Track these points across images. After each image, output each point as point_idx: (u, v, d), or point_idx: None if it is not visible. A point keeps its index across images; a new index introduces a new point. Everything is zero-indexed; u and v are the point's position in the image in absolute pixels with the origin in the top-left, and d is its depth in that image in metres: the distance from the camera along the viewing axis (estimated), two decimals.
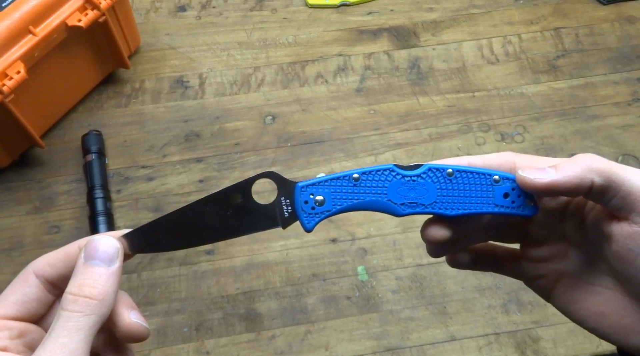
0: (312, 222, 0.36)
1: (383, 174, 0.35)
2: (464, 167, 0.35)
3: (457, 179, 0.35)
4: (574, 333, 0.60)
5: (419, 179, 0.35)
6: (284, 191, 0.36)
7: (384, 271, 0.64)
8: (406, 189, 0.35)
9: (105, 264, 0.32)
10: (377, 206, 0.36)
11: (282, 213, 0.36)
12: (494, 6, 0.85)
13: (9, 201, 0.69)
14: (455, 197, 0.35)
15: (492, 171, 0.35)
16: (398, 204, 0.35)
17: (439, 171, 0.35)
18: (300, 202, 0.36)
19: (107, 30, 0.70)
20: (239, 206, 0.36)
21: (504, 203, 0.35)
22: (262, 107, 0.76)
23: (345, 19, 0.84)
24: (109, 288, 0.32)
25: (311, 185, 0.36)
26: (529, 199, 0.35)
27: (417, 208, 0.35)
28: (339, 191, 0.36)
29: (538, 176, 0.33)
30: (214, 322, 0.61)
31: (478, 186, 0.35)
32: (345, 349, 0.60)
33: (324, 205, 0.36)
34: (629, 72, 0.79)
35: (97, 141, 0.71)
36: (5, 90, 0.60)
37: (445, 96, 0.77)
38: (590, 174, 0.32)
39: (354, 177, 0.35)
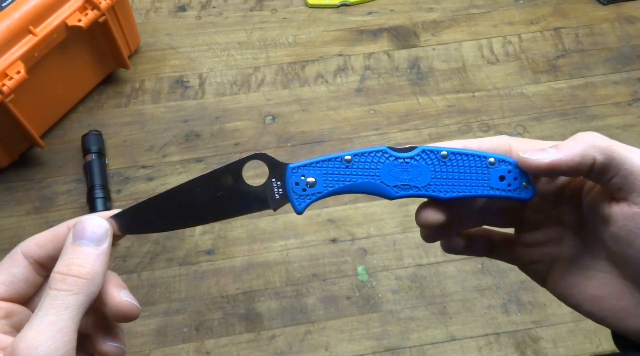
0: (303, 204, 0.36)
1: (376, 155, 0.35)
2: (459, 150, 0.35)
3: (451, 162, 0.35)
4: (574, 333, 0.60)
5: (412, 161, 0.35)
6: (275, 172, 0.36)
7: (384, 271, 0.64)
8: (399, 171, 0.35)
9: (93, 244, 0.32)
10: (370, 188, 0.35)
11: (272, 194, 0.36)
12: (494, 6, 0.85)
13: (9, 201, 0.69)
14: (450, 180, 0.35)
15: (487, 154, 0.35)
16: (391, 186, 0.35)
17: (433, 153, 0.35)
18: (291, 183, 0.35)
19: (107, 30, 0.70)
20: (230, 187, 0.36)
21: (500, 186, 0.35)
22: (262, 107, 0.76)
23: (345, 19, 0.84)
24: (98, 268, 0.32)
25: (302, 166, 0.35)
26: (525, 182, 0.35)
27: (410, 191, 0.35)
28: (331, 173, 0.35)
29: (540, 156, 0.33)
30: (214, 322, 0.61)
31: (473, 168, 0.35)
32: (345, 349, 0.60)
33: (315, 187, 0.35)
34: (629, 72, 0.79)
35: (97, 141, 0.71)
36: (5, 90, 0.60)
37: (445, 96, 0.77)
38: (592, 151, 0.32)
39: (346, 158, 0.35)
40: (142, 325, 0.61)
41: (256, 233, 0.66)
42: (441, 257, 0.65)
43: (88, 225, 0.33)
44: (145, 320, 0.61)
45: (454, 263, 0.64)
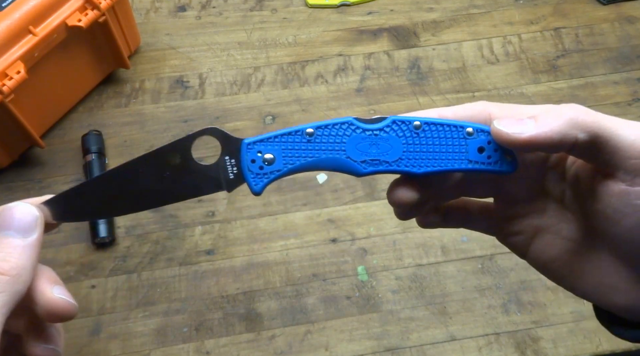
0: (260, 183, 0.32)
1: (341, 128, 0.31)
2: (433, 119, 0.32)
3: (425, 133, 0.31)
4: (574, 333, 0.60)
5: (382, 134, 0.31)
6: (228, 149, 0.32)
7: (384, 271, 0.64)
8: (367, 144, 0.31)
9: (20, 235, 0.29)
10: (335, 165, 0.32)
11: (226, 174, 0.32)
12: (494, 6, 0.85)
13: (9, 201, 0.68)
14: (424, 153, 0.31)
15: (464, 123, 0.31)
16: (358, 161, 0.31)
17: (405, 124, 0.31)
18: (247, 161, 0.32)
19: (107, 30, 0.70)
20: (178, 167, 0.32)
21: (479, 159, 0.31)
22: (262, 107, 0.76)
23: (345, 19, 0.84)
24: (25, 262, 0.28)
25: (259, 142, 0.32)
26: (507, 154, 0.32)
27: (380, 166, 0.32)
28: (291, 148, 0.32)
29: (515, 130, 0.30)
30: (214, 322, 0.61)
31: (449, 140, 0.31)
32: (345, 349, 0.60)
33: (274, 164, 0.32)
34: (629, 72, 0.79)
35: (97, 141, 0.71)
36: (5, 90, 0.60)
37: (445, 96, 0.77)
38: (574, 129, 0.29)
39: (307, 132, 0.31)
40: (142, 325, 0.61)
41: (256, 233, 0.66)
42: (441, 257, 0.65)
43: (15, 213, 0.29)
44: (145, 320, 0.61)
45: (454, 263, 0.64)
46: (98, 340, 0.60)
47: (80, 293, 0.62)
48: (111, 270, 0.64)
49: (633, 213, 0.30)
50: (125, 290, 0.63)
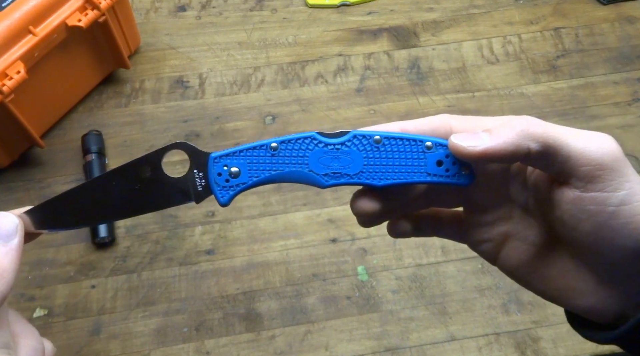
0: (226, 195, 0.34)
1: (304, 142, 0.33)
2: (393, 134, 0.33)
3: (385, 147, 0.33)
4: (574, 333, 0.60)
5: (343, 148, 0.33)
6: (197, 163, 0.34)
7: (384, 271, 0.64)
8: (329, 158, 0.33)
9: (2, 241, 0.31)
10: (298, 177, 0.33)
11: (195, 186, 0.34)
12: (494, 6, 0.85)
13: (9, 201, 0.69)
14: (384, 166, 0.33)
15: (424, 137, 0.33)
16: (320, 175, 0.33)
17: (366, 138, 0.33)
18: (214, 174, 0.34)
19: (107, 30, 0.70)
20: (149, 179, 0.34)
21: (437, 172, 0.33)
22: (262, 107, 0.76)
23: (345, 19, 0.84)
24: (6, 264, 0.31)
25: (225, 156, 0.33)
26: (464, 167, 0.33)
27: (341, 179, 0.33)
28: (256, 162, 0.33)
29: (470, 143, 0.31)
30: (214, 322, 0.61)
31: (409, 153, 0.33)
32: (345, 349, 0.60)
33: (240, 177, 0.34)
34: (628, 72, 0.79)
35: (97, 141, 0.71)
36: (5, 90, 0.60)
37: (445, 96, 0.77)
38: (525, 140, 0.30)
39: (271, 146, 0.33)
40: (142, 325, 0.61)
41: (256, 233, 0.66)
42: (441, 257, 0.65)
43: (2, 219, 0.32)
44: (145, 320, 0.61)
45: (454, 263, 0.64)
46: (98, 340, 0.60)
47: (80, 293, 0.62)
48: (111, 270, 0.64)
49: (588, 218, 0.31)
50: (125, 290, 0.63)
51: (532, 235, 0.35)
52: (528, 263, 0.35)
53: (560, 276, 0.34)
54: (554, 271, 0.34)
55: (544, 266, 0.35)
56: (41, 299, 0.62)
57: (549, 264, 0.35)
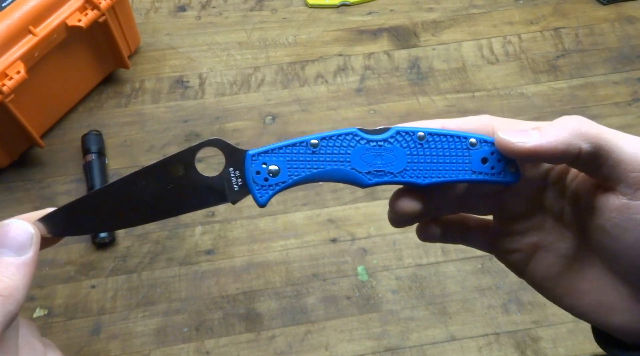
0: (265, 195, 0.32)
1: (345, 139, 0.31)
2: (437, 130, 0.32)
3: (429, 144, 0.31)
4: (574, 333, 0.60)
5: (386, 144, 0.31)
6: (232, 160, 0.32)
7: (384, 271, 0.64)
8: (372, 155, 0.31)
9: (14, 253, 0.28)
10: (340, 176, 0.32)
11: (231, 186, 0.32)
12: (494, 6, 0.85)
13: (9, 201, 0.69)
14: (428, 163, 0.31)
15: (468, 134, 0.32)
16: (363, 172, 0.31)
17: (409, 135, 0.31)
18: (252, 172, 0.31)
19: (107, 30, 0.70)
20: (181, 179, 0.32)
21: (482, 169, 0.32)
22: (262, 107, 0.76)
23: (345, 19, 0.84)
24: (17, 282, 0.27)
25: (263, 153, 0.31)
26: (510, 165, 0.32)
27: (384, 177, 0.32)
28: (296, 160, 0.31)
29: (520, 139, 0.29)
30: (214, 322, 0.61)
31: (453, 150, 0.31)
32: (345, 349, 0.60)
33: (279, 176, 0.31)
34: (628, 72, 0.79)
35: (97, 141, 0.71)
36: (5, 90, 0.60)
37: (445, 96, 0.77)
38: (577, 140, 0.29)
39: (312, 143, 0.31)
40: (142, 325, 0.61)
41: (256, 233, 0.66)
42: (441, 257, 0.65)
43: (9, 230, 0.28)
44: (145, 320, 0.61)
45: (454, 263, 0.64)
46: (98, 340, 0.60)
47: (80, 293, 0.62)
48: (111, 270, 0.64)
49: (634, 227, 0.29)
50: (125, 290, 0.63)
51: (565, 247, 0.34)
52: (558, 276, 0.34)
53: (592, 291, 0.33)
54: (586, 286, 0.33)
55: (575, 280, 0.33)
56: (41, 299, 0.62)
57: (581, 278, 0.33)
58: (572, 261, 0.34)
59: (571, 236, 0.34)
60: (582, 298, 0.33)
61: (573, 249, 0.34)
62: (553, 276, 0.34)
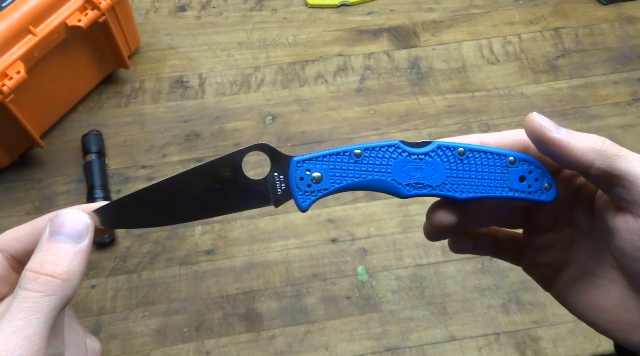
0: (307, 201, 0.33)
1: (387, 150, 0.32)
2: (477, 147, 0.33)
3: (468, 159, 0.32)
4: (574, 333, 0.60)
5: (426, 158, 0.32)
6: (277, 165, 0.33)
7: (384, 271, 0.64)
8: (412, 168, 0.32)
9: (72, 241, 0.29)
10: (380, 186, 0.33)
11: (275, 189, 0.33)
12: (494, 6, 0.85)
13: (9, 201, 0.69)
14: (466, 178, 0.32)
15: (507, 152, 0.33)
16: (403, 184, 0.33)
17: (449, 150, 0.32)
18: (296, 178, 0.33)
19: (107, 30, 0.70)
20: (228, 180, 0.33)
21: (520, 187, 0.32)
22: (262, 107, 0.76)
23: (345, 19, 0.84)
24: (75, 267, 0.29)
25: (308, 160, 0.33)
26: (547, 183, 0.32)
27: (423, 190, 0.33)
28: (339, 168, 0.32)
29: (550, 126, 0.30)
30: (214, 322, 0.61)
31: (492, 167, 0.32)
32: (345, 349, 0.60)
33: (322, 183, 0.33)
34: (629, 72, 0.79)
35: (97, 141, 0.71)
36: (5, 90, 0.60)
37: (445, 96, 0.77)
38: (591, 154, 0.30)
39: (355, 153, 0.32)
40: (142, 325, 0.61)
41: (256, 233, 0.66)
42: (441, 257, 0.65)
43: (67, 219, 0.30)
44: (145, 320, 0.61)
45: (454, 263, 0.64)
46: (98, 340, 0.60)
47: (80, 293, 0.62)
48: (111, 270, 0.64)
49: None
50: (125, 290, 0.63)
51: (592, 263, 0.34)
52: (583, 292, 0.34)
53: (615, 309, 0.33)
54: (610, 303, 0.33)
55: (599, 297, 0.33)
56: None
57: (604, 295, 0.33)
58: (596, 277, 0.34)
59: (598, 253, 0.34)
60: (605, 315, 0.33)
61: (598, 266, 0.34)
62: (578, 292, 0.35)
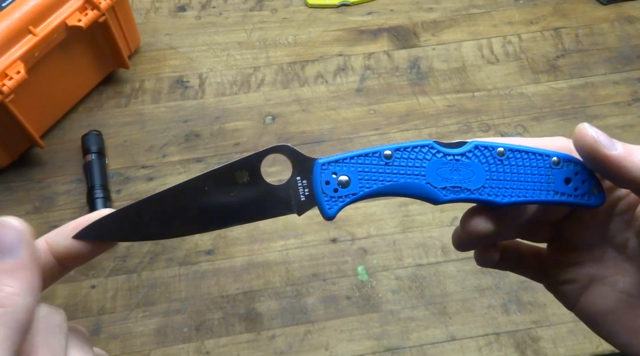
0: (334, 207, 0.30)
1: (420, 151, 0.29)
2: (518, 146, 0.30)
3: (509, 160, 0.29)
4: (574, 333, 0.60)
5: (463, 159, 0.29)
6: (300, 168, 0.30)
7: (384, 271, 0.64)
8: (448, 170, 0.29)
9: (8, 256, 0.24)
10: (413, 190, 0.29)
11: (297, 195, 0.30)
12: (494, 6, 0.85)
13: (9, 201, 0.69)
14: (508, 181, 0.29)
15: (550, 152, 0.30)
16: (438, 188, 0.29)
17: (488, 150, 0.29)
18: (321, 182, 0.29)
19: (107, 30, 0.70)
20: (246, 185, 0.30)
21: (566, 190, 0.29)
22: (262, 107, 0.76)
23: (345, 19, 0.84)
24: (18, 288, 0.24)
25: (334, 162, 0.29)
26: (594, 186, 0.29)
27: (461, 194, 0.29)
28: (368, 171, 0.29)
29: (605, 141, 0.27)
30: (214, 322, 0.61)
31: (535, 168, 0.29)
32: (345, 349, 0.60)
33: (349, 187, 0.29)
34: (629, 72, 0.79)
35: (97, 141, 0.71)
36: (5, 90, 0.60)
37: (445, 95, 0.77)
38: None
39: (385, 154, 0.29)
40: (142, 325, 0.61)
41: (256, 233, 0.66)
42: (441, 257, 0.65)
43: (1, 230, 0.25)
44: (145, 320, 0.61)
45: (454, 263, 0.64)
46: (98, 340, 0.60)
47: (80, 293, 0.62)
48: (111, 270, 0.64)
49: None
50: (125, 290, 0.63)
51: (624, 281, 0.32)
52: (614, 312, 0.32)
53: None
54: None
55: (633, 318, 0.31)
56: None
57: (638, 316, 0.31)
58: (631, 297, 0.32)
59: (633, 270, 0.32)
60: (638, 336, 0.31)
61: (634, 285, 0.32)
62: (608, 311, 0.32)
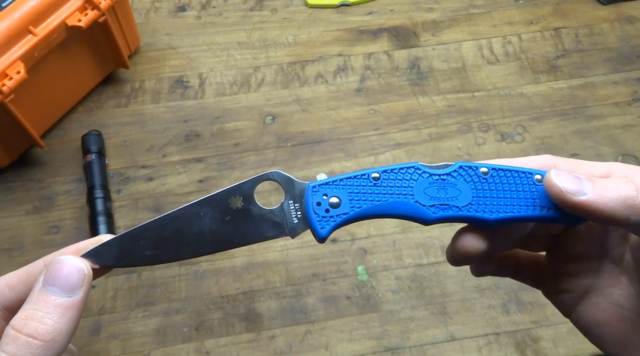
0: (326, 227, 0.31)
1: (407, 172, 0.31)
2: (500, 166, 0.31)
3: (493, 178, 0.30)
4: (574, 333, 0.60)
5: (449, 178, 0.31)
6: (291, 193, 0.31)
7: (384, 271, 0.64)
8: (435, 188, 0.31)
9: (64, 294, 0.26)
10: (402, 208, 0.31)
11: (290, 219, 0.31)
12: (494, 6, 0.85)
13: (9, 201, 0.69)
14: (494, 198, 0.30)
15: (533, 170, 0.31)
16: (427, 206, 0.31)
17: (472, 170, 0.31)
18: (312, 204, 0.31)
19: (107, 30, 0.70)
20: (240, 211, 0.31)
21: (552, 205, 0.30)
22: (262, 107, 0.76)
23: (345, 19, 0.84)
24: (63, 326, 0.25)
25: (325, 185, 0.31)
26: None
27: (449, 211, 0.30)
28: (357, 192, 0.31)
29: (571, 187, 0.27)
30: (214, 322, 0.61)
31: (519, 186, 0.30)
32: (345, 349, 0.60)
33: (340, 207, 0.31)
34: (628, 72, 0.79)
35: (97, 141, 0.71)
36: (5, 90, 0.60)
37: (445, 96, 0.77)
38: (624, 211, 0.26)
39: (373, 176, 0.31)
40: (142, 325, 0.61)
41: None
42: (441, 257, 0.65)
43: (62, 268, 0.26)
44: (145, 320, 0.61)
45: None
46: (98, 340, 0.60)
47: None
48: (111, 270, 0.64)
49: None
50: (125, 290, 0.63)
51: (619, 294, 0.32)
52: (608, 323, 0.32)
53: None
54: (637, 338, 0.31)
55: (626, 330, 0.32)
56: None
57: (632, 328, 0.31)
58: (624, 309, 0.32)
59: (628, 284, 0.32)
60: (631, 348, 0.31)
61: (628, 297, 0.32)
62: (602, 322, 0.33)
